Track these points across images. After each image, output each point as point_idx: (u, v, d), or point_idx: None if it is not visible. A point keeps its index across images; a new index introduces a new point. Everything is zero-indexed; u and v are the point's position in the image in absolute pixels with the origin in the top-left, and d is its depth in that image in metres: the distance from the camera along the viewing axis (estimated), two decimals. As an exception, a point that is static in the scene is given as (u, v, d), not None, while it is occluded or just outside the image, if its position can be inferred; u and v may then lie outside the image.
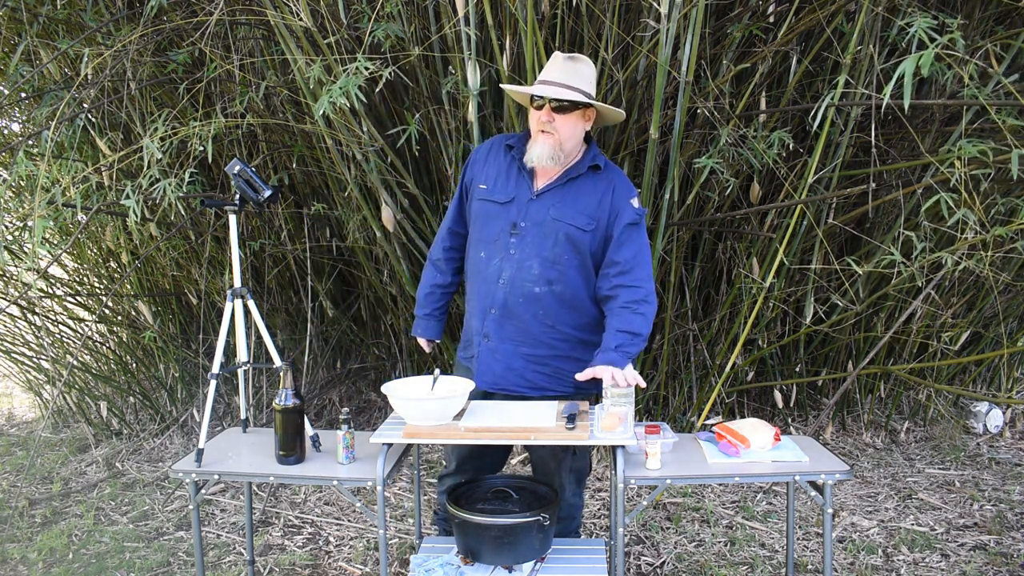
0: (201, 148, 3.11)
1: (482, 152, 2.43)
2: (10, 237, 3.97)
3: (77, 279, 4.78)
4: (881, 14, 3.06)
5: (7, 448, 4.36)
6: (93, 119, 3.64)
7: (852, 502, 3.45)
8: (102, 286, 4.65)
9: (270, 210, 4.11)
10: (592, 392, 2.38)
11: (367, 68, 2.75)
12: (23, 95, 3.87)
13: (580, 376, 2.18)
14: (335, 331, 4.67)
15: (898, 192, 3.25)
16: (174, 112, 3.31)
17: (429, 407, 2.10)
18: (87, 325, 4.55)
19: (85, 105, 3.60)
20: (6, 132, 4.39)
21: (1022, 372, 4.70)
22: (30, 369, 4.64)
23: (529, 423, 2.09)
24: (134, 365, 4.60)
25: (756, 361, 4.06)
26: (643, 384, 2.14)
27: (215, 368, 2.26)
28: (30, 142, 3.80)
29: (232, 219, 2.38)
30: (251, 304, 2.35)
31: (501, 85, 2.56)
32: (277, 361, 2.34)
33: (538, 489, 2.35)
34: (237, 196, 2.35)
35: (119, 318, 4.49)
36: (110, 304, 4.46)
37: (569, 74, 2.22)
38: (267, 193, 2.31)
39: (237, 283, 2.36)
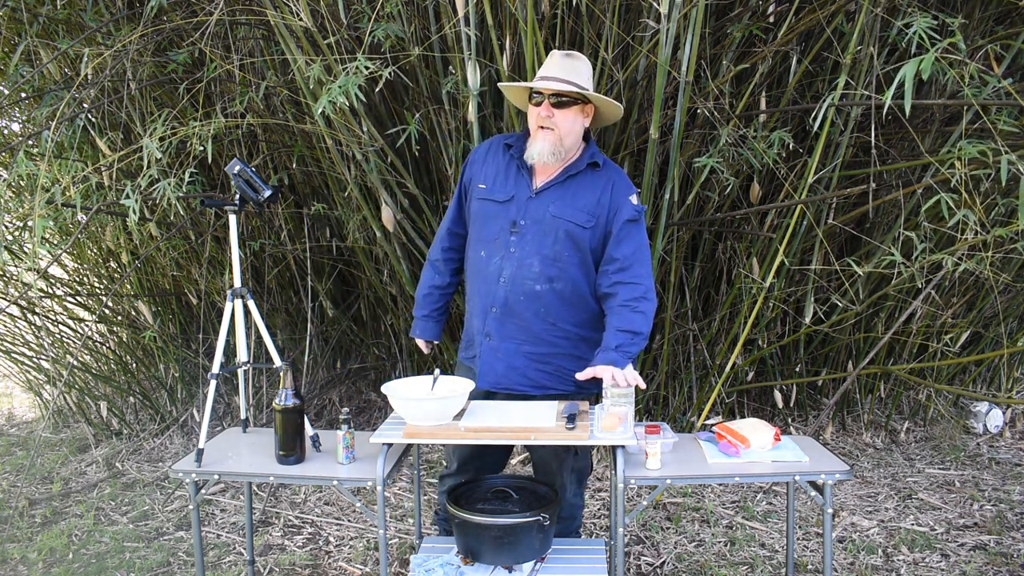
0: (201, 148, 3.11)
1: (481, 152, 2.43)
2: (10, 237, 3.97)
3: (77, 279, 4.78)
4: (881, 14, 3.06)
5: (7, 448, 4.36)
6: (93, 119, 3.64)
7: (852, 502, 3.45)
8: (102, 286, 4.65)
9: (270, 210, 4.11)
10: (593, 391, 2.39)
11: (367, 68, 2.75)
12: (23, 95, 3.87)
13: (580, 376, 2.19)
14: (335, 331, 4.67)
15: (898, 192, 3.25)
16: (174, 112, 3.31)
17: (429, 407, 2.10)
18: (87, 325, 4.54)
19: (85, 105, 3.59)
20: (6, 132, 4.38)
21: (1022, 372, 4.70)
22: (30, 369, 4.64)
23: (529, 423, 2.09)
24: (134, 365, 4.60)
25: (756, 361, 4.06)
26: (643, 385, 2.14)
27: (215, 368, 2.26)
28: (30, 142, 3.80)
29: (232, 219, 2.38)
30: (251, 304, 2.35)
31: (499, 84, 2.56)
32: (277, 361, 2.34)
33: (538, 489, 2.35)
34: (237, 196, 2.35)
35: (119, 318, 4.49)
36: (110, 304, 4.46)
37: (567, 70, 2.23)
38: (267, 193, 2.32)
39: (237, 283, 2.36)
